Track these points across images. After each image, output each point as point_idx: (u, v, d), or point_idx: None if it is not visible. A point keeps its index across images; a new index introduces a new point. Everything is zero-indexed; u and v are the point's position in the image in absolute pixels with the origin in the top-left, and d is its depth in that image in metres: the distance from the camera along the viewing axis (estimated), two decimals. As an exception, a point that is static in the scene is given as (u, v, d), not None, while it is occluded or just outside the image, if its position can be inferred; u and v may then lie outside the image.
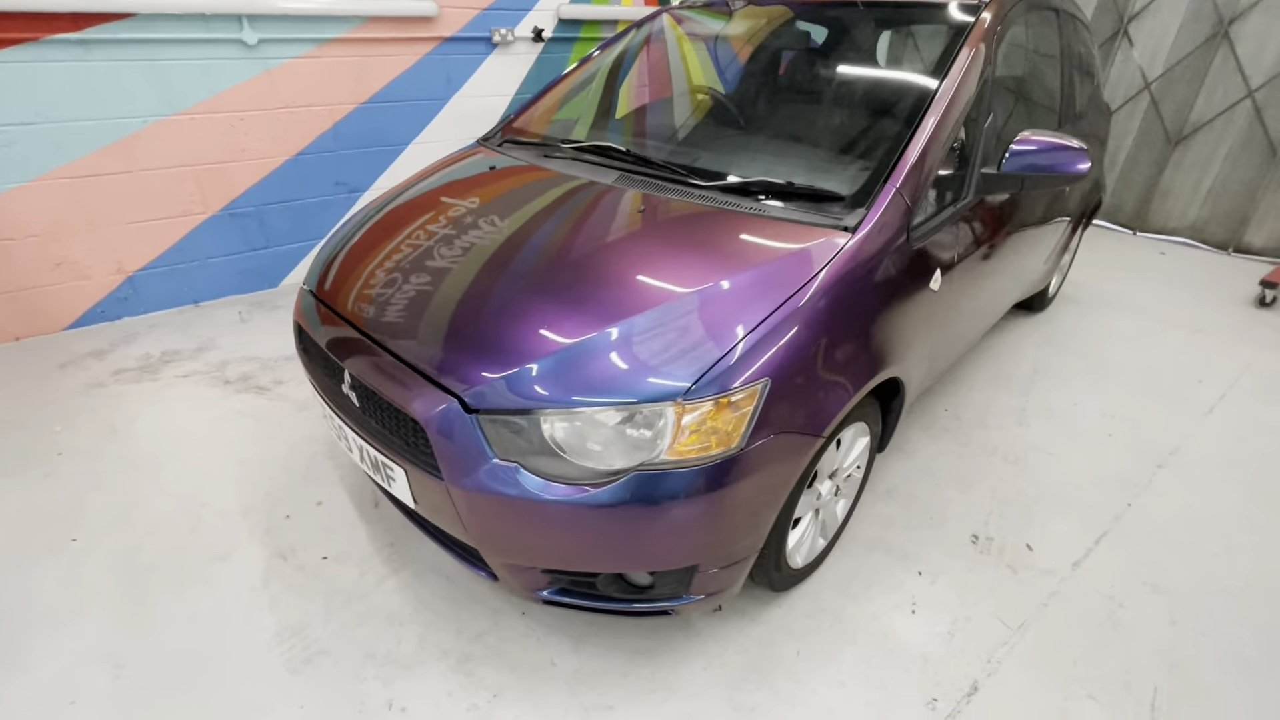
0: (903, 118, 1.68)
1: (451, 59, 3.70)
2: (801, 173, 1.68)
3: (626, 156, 1.87)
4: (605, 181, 1.79)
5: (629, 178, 1.78)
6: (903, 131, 1.62)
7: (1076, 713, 1.51)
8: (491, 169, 2.02)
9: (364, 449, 1.50)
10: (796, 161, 1.82)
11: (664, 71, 2.56)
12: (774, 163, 1.82)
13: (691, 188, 1.68)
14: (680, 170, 1.74)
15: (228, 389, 2.68)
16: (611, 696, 1.52)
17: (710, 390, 1.21)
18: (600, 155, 1.93)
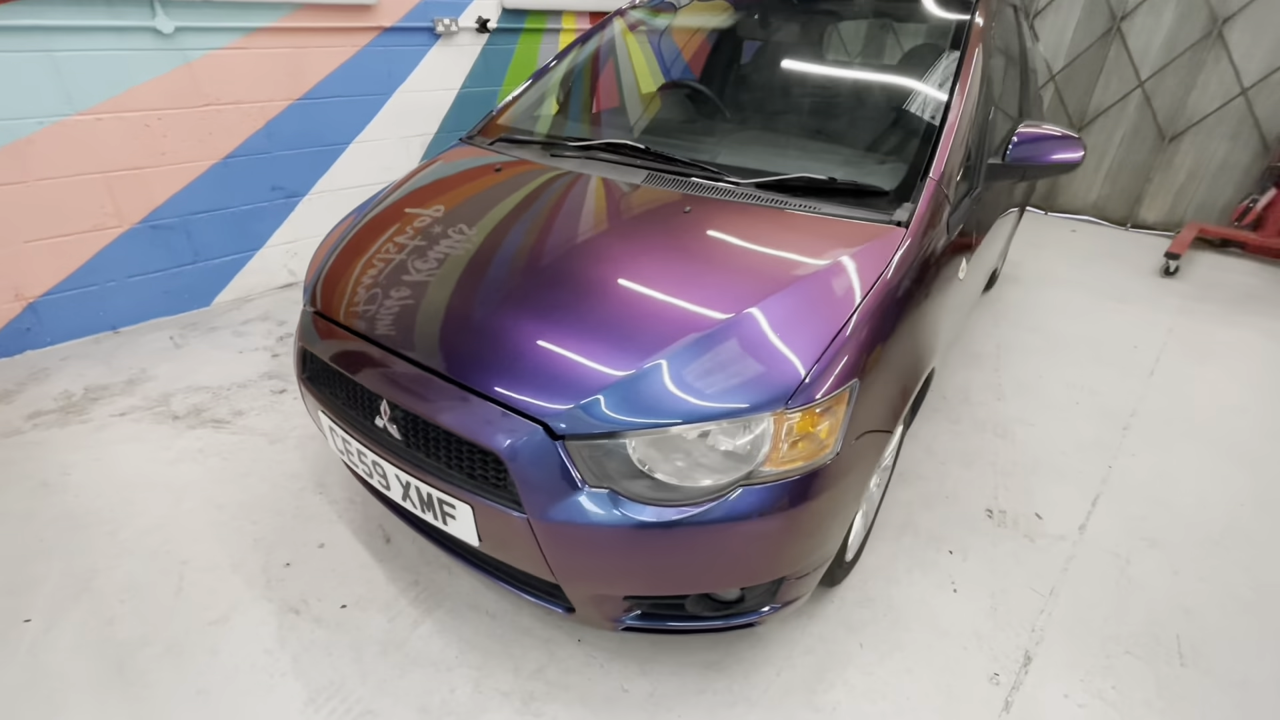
0: (927, 112, 1.71)
1: (393, 51, 3.45)
2: (836, 169, 1.67)
3: (647, 154, 1.80)
4: (635, 181, 1.71)
5: (659, 176, 1.71)
6: (931, 125, 1.65)
7: (1121, 669, 1.61)
8: (497, 170, 1.88)
9: (412, 486, 1.35)
10: (829, 157, 1.82)
11: (664, 65, 2.49)
12: (805, 159, 1.81)
13: (728, 185, 1.64)
14: (711, 168, 1.69)
15: (178, 426, 2.37)
16: (693, 716, 1.47)
17: (807, 397, 1.18)
18: (616, 153, 1.84)
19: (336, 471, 2.17)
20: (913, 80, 1.85)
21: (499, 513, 1.23)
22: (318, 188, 3.43)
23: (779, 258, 1.40)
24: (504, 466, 1.22)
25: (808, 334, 1.24)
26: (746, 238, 1.47)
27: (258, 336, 3.00)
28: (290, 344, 2.93)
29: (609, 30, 2.51)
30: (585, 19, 4.25)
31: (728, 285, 1.34)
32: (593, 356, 1.23)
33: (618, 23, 2.52)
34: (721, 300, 1.30)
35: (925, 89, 1.79)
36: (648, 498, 1.18)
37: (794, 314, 1.28)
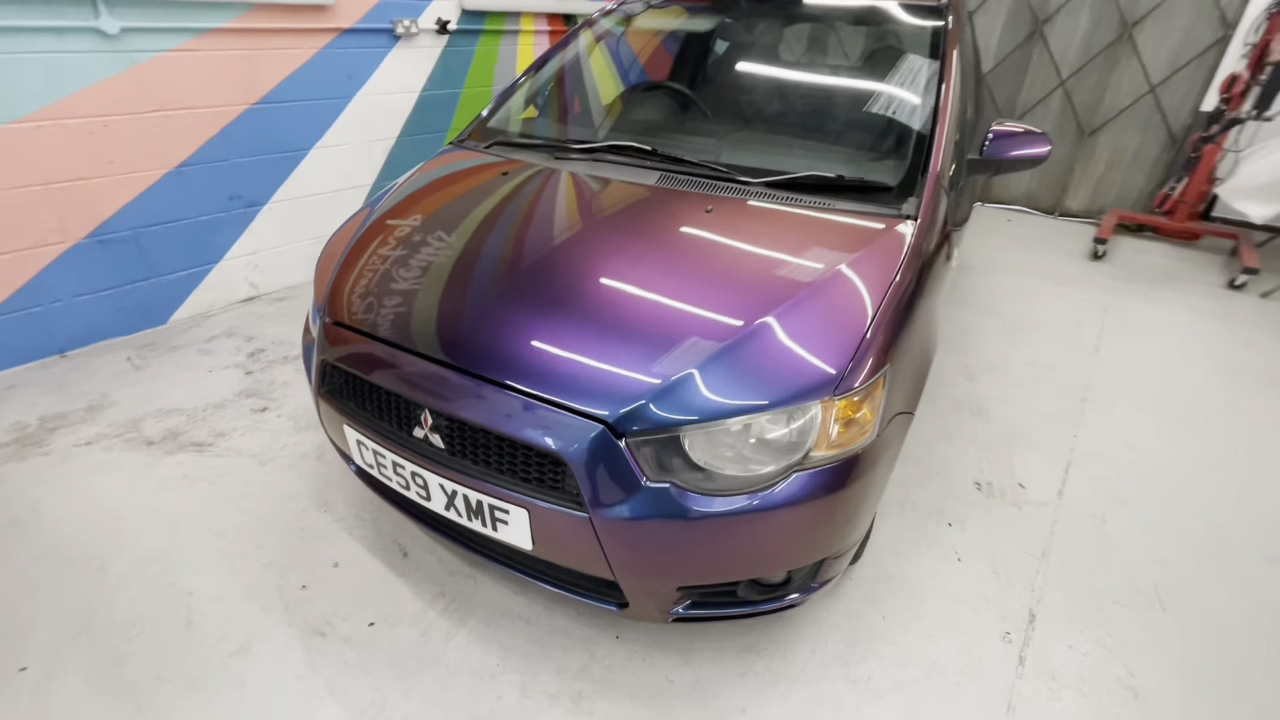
0: (919, 111, 1.82)
1: (352, 53, 3.34)
2: (838, 167, 1.76)
3: (654, 156, 1.83)
4: (649, 182, 1.74)
5: (672, 177, 1.75)
6: (925, 123, 1.76)
7: (1113, 618, 1.77)
8: (504, 174, 1.87)
9: (459, 494, 1.34)
10: (829, 156, 1.90)
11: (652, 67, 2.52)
12: (808, 158, 1.88)
13: (741, 184, 1.69)
14: (721, 168, 1.74)
15: (154, 452, 2.24)
16: (739, 698, 1.52)
17: (850, 384, 1.24)
18: (621, 155, 1.87)
19: (338, 488, 2.10)
20: (903, 81, 1.95)
21: (557, 514, 1.24)
22: (278, 196, 3.29)
23: (807, 252, 1.47)
24: (562, 469, 1.23)
25: (845, 325, 1.31)
26: (771, 234, 1.53)
27: (226, 354, 2.85)
28: (264, 360, 2.80)
29: (594, 32, 2.52)
30: (543, 20, 4.23)
31: (765, 280, 1.40)
32: (649, 355, 1.26)
33: (603, 24, 2.54)
34: (763, 295, 1.35)
35: (916, 90, 1.90)
36: (706, 489, 1.21)
37: (830, 306, 1.34)
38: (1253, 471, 2.38)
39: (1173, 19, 4.68)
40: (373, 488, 1.69)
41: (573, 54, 2.46)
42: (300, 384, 2.65)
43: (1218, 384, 2.97)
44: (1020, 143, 1.97)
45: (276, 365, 2.78)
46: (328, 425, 1.63)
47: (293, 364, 2.79)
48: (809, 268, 1.42)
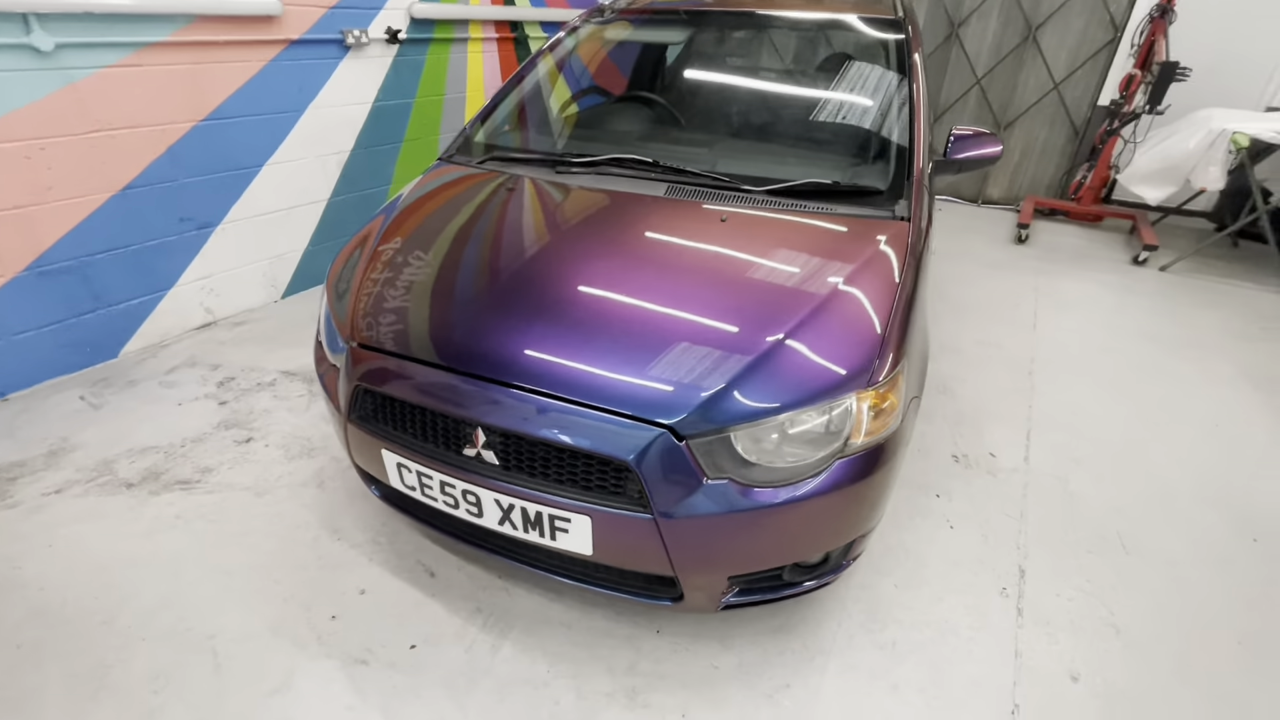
0: (896, 116, 1.97)
1: (302, 65, 3.22)
2: (829, 173, 1.88)
3: (656, 167, 1.90)
4: (656, 193, 1.81)
5: (678, 188, 1.82)
6: (904, 126, 1.91)
7: (1087, 565, 1.98)
8: (510, 189, 1.89)
9: (515, 508, 1.37)
10: (819, 162, 2.02)
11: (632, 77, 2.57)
12: (799, 165, 2.00)
13: (744, 194, 1.79)
14: (724, 178, 1.83)
15: (137, 494, 2.12)
16: (781, 675, 1.62)
17: (880, 375, 1.36)
18: (621, 167, 1.93)
19: (347, 514, 2.06)
20: (877, 89, 2.10)
21: (620, 518, 1.30)
22: (232, 216, 3.14)
23: (821, 255, 1.58)
24: (623, 474, 1.29)
25: (867, 323, 1.43)
26: (785, 240, 1.64)
27: (192, 385, 2.71)
28: (236, 389, 2.68)
29: (575, 41, 2.55)
30: (491, 28, 4.21)
31: (791, 285, 1.50)
32: (699, 361, 1.33)
33: (578, 34, 2.57)
34: (792, 299, 1.45)
35: (889, 97, 2.05)
36: (759, 481, 1.30)
37: (851, 307, 1.46)
38: (1182, 427, 2.70)
39: (1069, 22, 5.15)
40: (406, 511, 1.68)
41: (550, 66, 2.49)
42: (283, 410, 2.56)
43: (1140, 351, 3.33)
44: (978, 143, 2.16)
45: (251, 393, 2.67)
46: (357, 451, 1.61)
47: (268, 391, 2.69)
48: (827, 271, 1.53)
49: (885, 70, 2.12)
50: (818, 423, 1.32)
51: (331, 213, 3.60)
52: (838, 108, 2.12)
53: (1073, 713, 1.56)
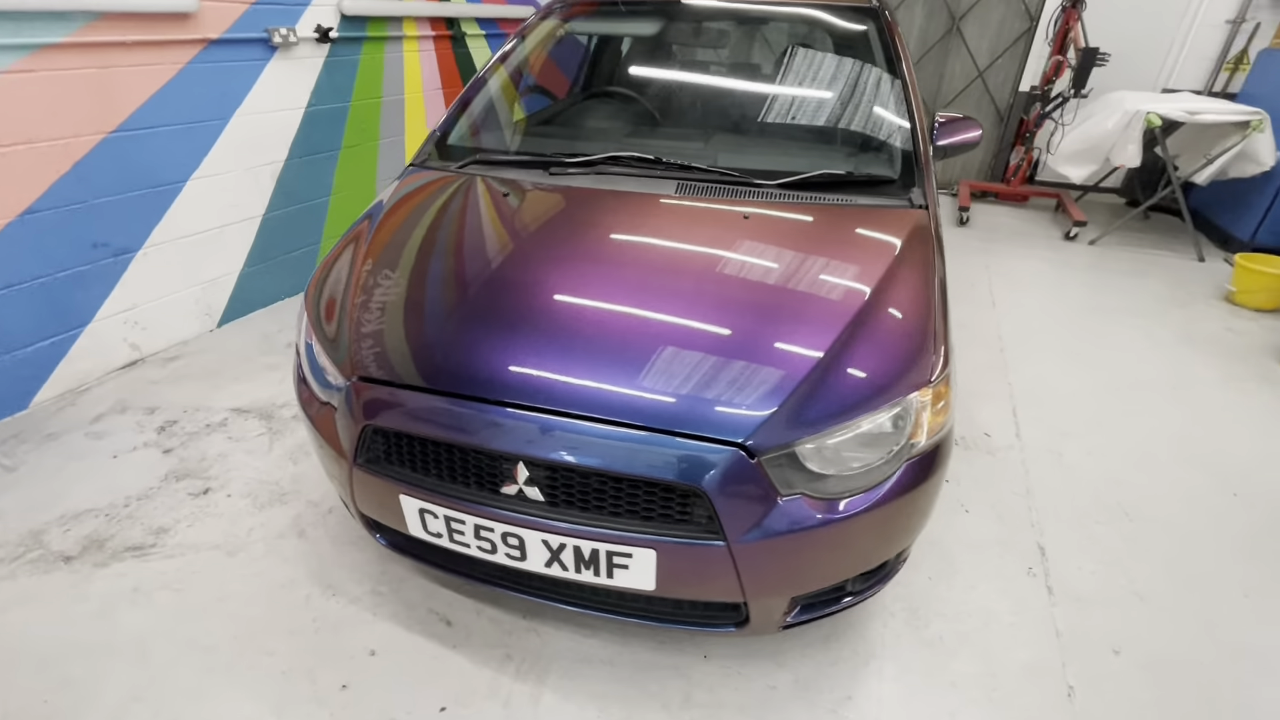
0: (891, 103, 1.94)
1: (224, 68, 2.90)
2: (837, 163, 1.83)
3: (657, 165, 1.79)
4: (668, 192, 1.70)
5: (687, 185, 1.72)
6: (903, 113, 1.89)
7: (1100, 536, 2.04)
8: (506, 195, 1.73)
9: (566, 548, 1.23)
10: (824, 153, 1.96)
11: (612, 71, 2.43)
12: (806, 156, 1.93)
13: (756, 188, 1.71)
14: (733, 172, 1.75)
15: (79, 568, 1.82)
16: (840, 687, 1.56)
17: (937, 369, 1.32)
18: (620, 165, 1.81)
19: (339, 565, 1.85)
20: (868, 77, 2.07)
21: (689, 548, 1.19)
22: (154, 239, 2.79)
23: (857, 251, 1.52)
24: (690, 500, 1.18)
25: (919, 316, 1.38)
26: (814, 235, 1.57)
27: (127, 433, 2.38)
28: (181, 433, 2.38)
29: (545, 34, 2.39)
30: (426, 25, 3.96)
31: (835, 285, 1.43)
32: (760, 371, 1.23)
33: (549, 25, 2.42)
34: (840, 300, 1.38)
35: (882, 84, 2.02)
36: (831, 493, 1.22)
37: (901, 300, 1.41)
38: (1145, 392, 2.85)
39: (989, 13, 5.41)
40: (424, 560, 1.50)
41: (522, 60, 2.33)
42: (241, 454, 2.28)
43: (1090, 322, 3.51)
44: (960, 128, 2.17)
45: (200, 437, 2.37)
46: (364, 499, 1.42)
47: (220, 433, 2.40)
48: (865, 266, 1.47)
49: (877, 58, 2.09)
50: (885, 426, 1.25)
51: (268, 229, 3.28)
52: (833, 97, 2.07)
53: (1124, 687, 1.58)
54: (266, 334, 3.10)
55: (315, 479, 2.18)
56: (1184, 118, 4.17)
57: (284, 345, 3.00)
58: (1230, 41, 5.11)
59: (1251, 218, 4.34)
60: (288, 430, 2.42)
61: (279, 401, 2.59)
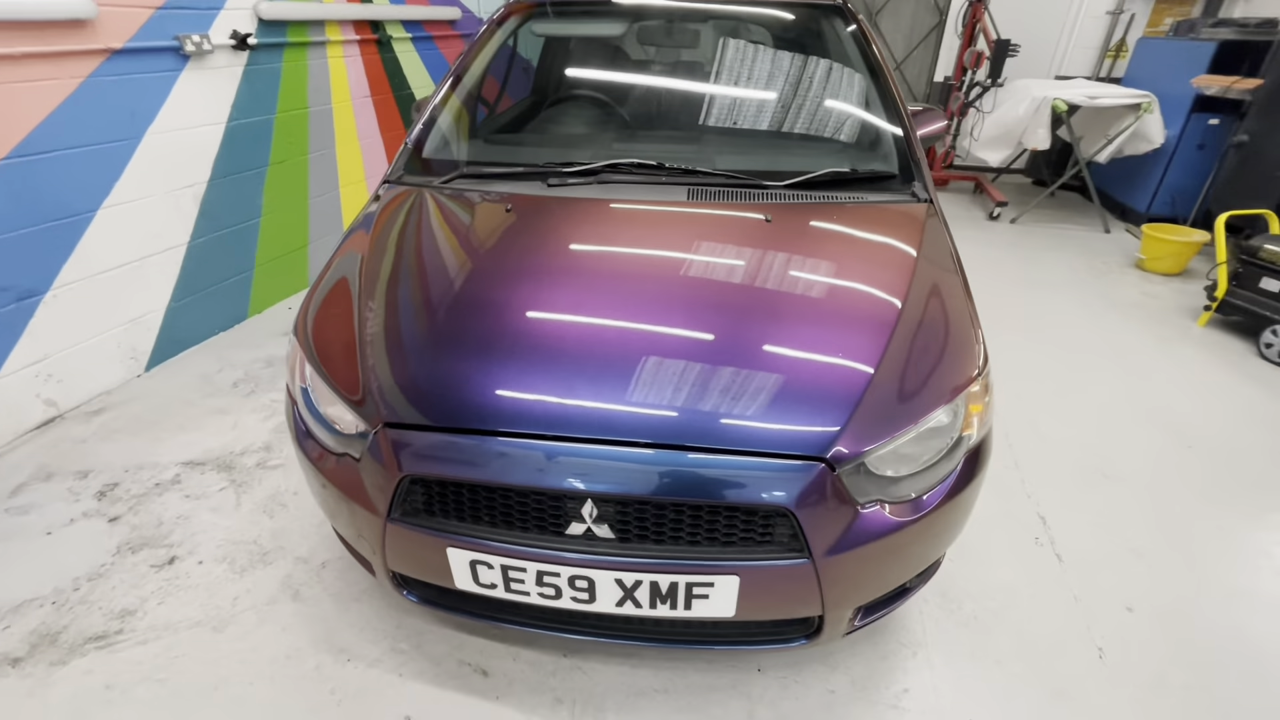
0: (876, 99, 1.97)
1: (131, 81, 2.59)
2: (835, 161, 1.84)
3: (661, 170, 1.73)
4: (680, 198, 1.65)
5: (699, 190, 1.67)
6: (891, 109, 1.91)
7: (1090, 501, 2.16)
8: (508, 210, 1.62)
9: (641, 584, 1.16)
10: (825, 152, 1.96)
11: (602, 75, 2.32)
12: (806, 156, 1.92)
13: (764, 190, 1.69)
14: (740, 175, 1.71)
15: (32, 670, 1.56)
16: (896, 681, 1.57)
17: (980, 360, 1.34)
18: (622, 172, 1.74)
19: (346, 626, 1.68)
20: (846, 73, 2.08)
21: (773, 570, 1.14)
22: (64, 278, 2.45)
23: (881, 245, 1.53)
24: (772, 520, 1.14)
25: (959, 311, 1.40)
26: (837, 236, 1.56)
27: (58, 504, 2.08)
28: (126, 496, 2.10)
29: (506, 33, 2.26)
30: (350, 29, 3.70)
31: (873, 282, 1.42)
32: (825, 381, 1.21)
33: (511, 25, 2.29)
34: (884, 302, 1.37)
35: (867, 81, 2.05)
36: (904, 496, 1.22)
37: (938, 296, 1.42)
38: (1090, 357, 3.07)
39: (902, 8, 5.68)
40: (464, 612, 1.38)
41: (488, 62, 2.19)
42: (205, 513, 2.04)
43: (1027, 296, 3.75)
44: (930, 119, 2.23)
45: (150, 499, 2.10)
46: (399, 557, 1.28)
47: (174, 492, 2.14)
48: (897, 264, 1.48)
49: (859, 56, 2.11)
50: (943, 421, 1.26)
51: (195, 258, 2.96)
52: (824, 96, 2.08)
53: (1145, 641, 1.68)
54: (206, 374, 2.80)
55: (299, 531, 1.98)
56: (1085, 102, 4.53)
57: (229, 385, 2.72)
58: (1111, 31, 5.60)
59: (1146, 191, 4.78)
60: (254, 481, 2.18)
61: (236, 449, 2.34)
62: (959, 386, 1.26)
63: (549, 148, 1.99)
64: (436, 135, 1.97)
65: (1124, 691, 1.55)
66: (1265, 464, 2.37)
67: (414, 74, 4.32)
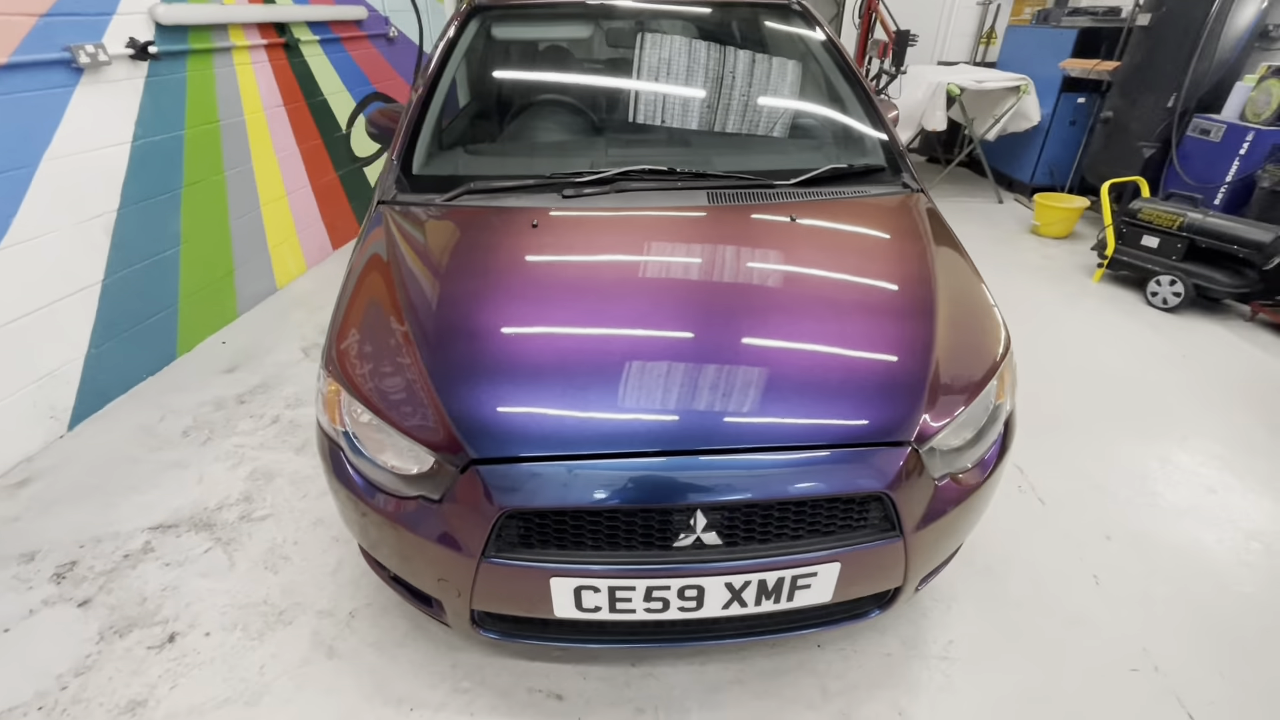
0: (850, 95, 2.08)
1: (20, 100, 2.25)
2: (834, 157, 1.94)
3: (673, 174, 1.75)
4: (702, 203, 1.67)
5: (719, 193, 1.71)
6: (866, 103, 2.03)
7: (1051, 444, 2.42)
8: (534, 225, 1.57)
9: (749, 585, 1.19)
10: (814, 148, 2.03)
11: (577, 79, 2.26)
12: (798, 153, 1.99)
13: (776, 189, 1.75)
14: (749, 176, 1.77)
15: (37, 789, 1.37)
16: (941, 635, 1.70)
17: (1006, 335, 1.48)
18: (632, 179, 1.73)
19: (397, 673, 1.60)
20: (824, 72, 2.18)
21: (869, 551, 1.22)
22: (-35, 334, 2.10)
23: (902, 236, 1.63)
24: (868, 505, 1.21)
25: (979, 289, 1.53)
26: (858, 230, 1.65)
27: (9, 596, 1.81)
28: (90, 573, 1.86)
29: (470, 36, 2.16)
30: (255, 32, 3.39)
31: (903, 270, 1.52)
32: (899, 369, 1.29)
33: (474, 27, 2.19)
34: (918, 284, 1.47)
35: (837, 78, 2.15)
36: (965, 466, 1.32)
37: (961, 278, 1.54)
38: (1013, 314, 3.40)
39: (802, 0, 5.94)
40: (548, 640, 1.35)
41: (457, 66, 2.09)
42: (195, 578, 1.85)
43: (952, 267, 4.09)
44: (887, 109, 2.39)
45: (122, 573, 1.87)
46: (490, 596, 1.22)
47: (149, 562, 1.92)
48: (919, 253, 1.58)
49: (825, 56, 2.20)
50: (992, 394, 1.38)
51: (111, 297, 2.63)
52: (797, 94, 2.16)
53: (1127, 564, 1.92)
54: (146, 425, 2.51)
55: (313, 583, 1.84)
56: (973, 85, 4.98)
57: (179, 435, 2.45)
58: (983, 19, 6.17)
59: (1028, 164, 5.34)
60: (243, 537, 2.00)
61: (210, 505, 2.12)
62: (998, 359, 1.39)
63: (551, 157, 1.94)
64: (423, 150, 1.86)
65: (1123, 610, 1.78)
66: (1176, 396, 2.75)
67: (325, 79, 4.03)
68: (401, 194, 1.74)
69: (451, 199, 1.69)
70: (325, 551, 1.95)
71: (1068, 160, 5.11)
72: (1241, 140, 3.59)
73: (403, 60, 5.07)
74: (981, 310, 1.49)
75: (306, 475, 2.25)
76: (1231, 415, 2.61)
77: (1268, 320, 3.34)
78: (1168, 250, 3.51)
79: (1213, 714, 1.53)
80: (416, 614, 1.73)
